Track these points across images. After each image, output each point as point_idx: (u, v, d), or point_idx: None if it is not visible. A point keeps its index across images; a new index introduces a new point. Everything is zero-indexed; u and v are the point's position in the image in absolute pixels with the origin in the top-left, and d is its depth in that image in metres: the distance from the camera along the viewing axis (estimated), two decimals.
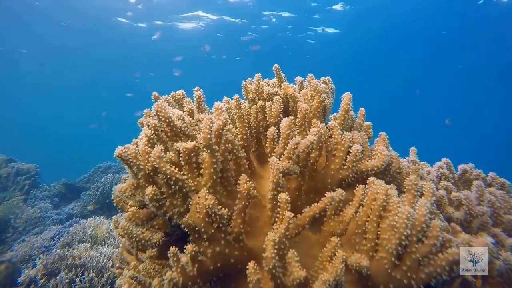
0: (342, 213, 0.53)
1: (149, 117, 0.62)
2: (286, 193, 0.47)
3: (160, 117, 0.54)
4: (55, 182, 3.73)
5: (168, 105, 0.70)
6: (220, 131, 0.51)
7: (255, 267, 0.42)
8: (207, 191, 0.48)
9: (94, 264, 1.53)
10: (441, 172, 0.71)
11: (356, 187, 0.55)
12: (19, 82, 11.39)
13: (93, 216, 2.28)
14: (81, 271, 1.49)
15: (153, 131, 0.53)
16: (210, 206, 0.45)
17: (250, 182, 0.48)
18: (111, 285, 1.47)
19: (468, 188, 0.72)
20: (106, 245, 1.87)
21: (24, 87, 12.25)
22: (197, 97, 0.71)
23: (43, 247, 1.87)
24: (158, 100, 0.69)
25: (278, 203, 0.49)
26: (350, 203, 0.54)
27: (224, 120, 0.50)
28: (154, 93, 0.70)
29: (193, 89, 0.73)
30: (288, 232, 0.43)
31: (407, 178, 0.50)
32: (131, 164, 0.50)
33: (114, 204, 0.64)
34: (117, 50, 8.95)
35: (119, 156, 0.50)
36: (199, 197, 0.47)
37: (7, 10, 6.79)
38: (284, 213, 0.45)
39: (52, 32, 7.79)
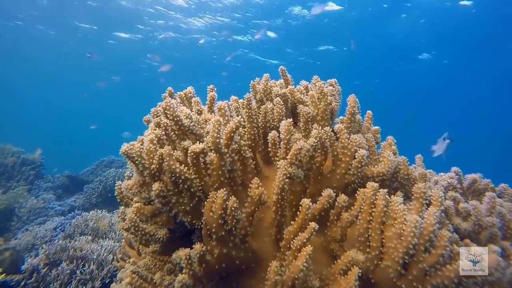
0: (341, 218, 0.53)
1: (156, 116, 0.61)
2: (310, 199, 0.47)
3: (168, 116, 0.54)
4: (59, 173, 3.78)
5: (180, 102, 0.69)
6: (232, 134, 0.50)
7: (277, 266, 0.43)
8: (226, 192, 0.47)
9: (94, 257, 1.55)
10: (449, 182, 0.70)
11: (358, 191, 0.54)
12: (24, 70, 11.44)
13: (95, 209, 2.30)
14: (82, 263, 1.50)
15: (163, 131, 0.53)
16: (233, 208, 0.45)
17: (262, 188, 0.48)
18: (111, 278, 1.48)
19: (477, 199, 0.71)
20: (107, 239, 1.89)
21: (31, 76, 12.32)
22: (210, 97, 0.70)
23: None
24: (167, 98, 0.69)
25: (284, 207, 0.48)
26: (352, 207, 0.54)
27: (237, 123, 0.50)
28: (169, 88, 0.69)
29: (208, 88, 0.73)
30: (308, 242, 0.44)
31: (415, 186, 0.49)
32: (136, 162, 0.50)
33: (118, 200, 0.64)
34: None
35: (125, 153, 0.50)
36: (216, 197, 0.46)
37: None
38: (310, 223, 0.45)
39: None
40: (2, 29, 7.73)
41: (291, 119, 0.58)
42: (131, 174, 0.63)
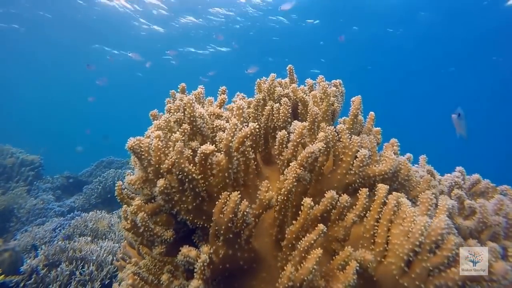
0: (346, 218, 0.53)
1: (175, 112, 0.60)
2: (311, 198, 0.47)
3: (186, 114, 0.53)
4: (58, 174, 3.77)
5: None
6: (245, 139, 0.50)
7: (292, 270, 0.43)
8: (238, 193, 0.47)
9: (94, 258, 1.54)
10: (455, 181, 0.70)
11: (359, 191, 0.54)
12: (24, 70, 11.39)
13: (95, 210, 2.29)
14: (81, 264, 1.50)
15: (182, 136, 0.52)
16: (245, 212, 0.45)
17: (272, 192, 0.48)
18: (110, 279, 1.47)
19: (476, 199, 0.71)
20: (107, 240, 1.88)
21: (31, 76, 12.27)
22: (221, 100, 0.70)
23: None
24: (186, 95, 0.68)
25: (287, 207, 0.48)
26: (354, 207, 0.54)
27: (253, 130, 0.49)
28: (183, 84, 0.69)
29: (220, 88, 0.73)
30: (316, 244, 0.44)
31: (424, 193, 0.49)
32: (142, 157, 0.50)
33: (118, 200, 0.64)
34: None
35: (131, 148, 0.49)
36: (230, 199, 0.45)
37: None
38: (319, 225, 0.45)
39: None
40: (2, 27, 7.70)
41: (306, 123, 0.58)
42: (131, 174, 0.63)
